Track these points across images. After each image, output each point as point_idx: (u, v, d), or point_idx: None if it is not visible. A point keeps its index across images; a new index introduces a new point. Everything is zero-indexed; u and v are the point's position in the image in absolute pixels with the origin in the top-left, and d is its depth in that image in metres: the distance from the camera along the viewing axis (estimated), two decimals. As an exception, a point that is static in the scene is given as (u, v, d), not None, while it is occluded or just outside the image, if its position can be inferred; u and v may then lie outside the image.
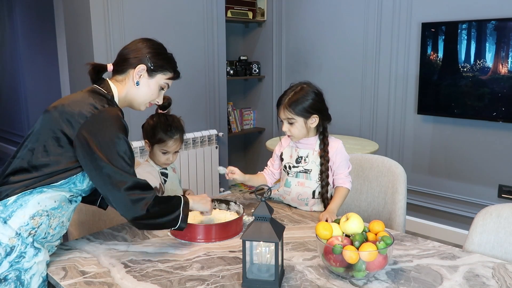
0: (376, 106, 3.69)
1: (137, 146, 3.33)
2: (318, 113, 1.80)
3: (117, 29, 3.19)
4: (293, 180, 1.89)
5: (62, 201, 1.41)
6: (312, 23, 4.02)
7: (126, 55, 1.53)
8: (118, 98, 1.52)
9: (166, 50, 1.60)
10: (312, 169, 1.86)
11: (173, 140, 1.82)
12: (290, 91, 1.80)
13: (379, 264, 1.27)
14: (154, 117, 1.85)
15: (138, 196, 1.37)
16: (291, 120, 1.79)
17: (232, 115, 4.39)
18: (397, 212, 1.90)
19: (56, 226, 1.42)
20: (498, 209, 1.56)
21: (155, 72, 1.52)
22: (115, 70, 1.54)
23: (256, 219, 1.28)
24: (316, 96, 1.80)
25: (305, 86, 1.81)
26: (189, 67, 3.71)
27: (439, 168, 3.42)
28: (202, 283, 1.29)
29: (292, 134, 1.83)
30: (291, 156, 1.90)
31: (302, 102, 1.77)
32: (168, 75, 1.56)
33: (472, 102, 3.09)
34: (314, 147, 1.86)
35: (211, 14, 3.80)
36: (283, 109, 1.79)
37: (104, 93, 1.48)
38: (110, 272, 1.35)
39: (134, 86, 1.52)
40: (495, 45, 2.94)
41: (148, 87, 1.53)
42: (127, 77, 1.52)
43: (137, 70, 1.50)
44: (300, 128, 1.80)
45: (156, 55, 1.53)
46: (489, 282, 1.29)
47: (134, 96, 1.54)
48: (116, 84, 1.53)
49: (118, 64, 1.54)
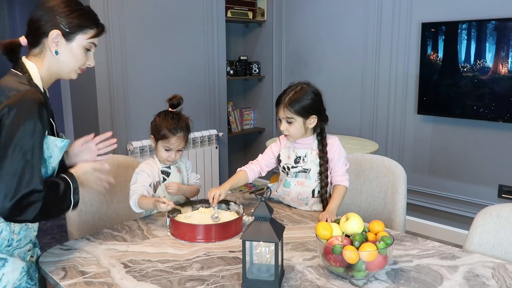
0: (376, 106, 3.69)
1: (137, 146, 3.33)
2: (317, 114, 1.81)
3: (117, 29, 3.19)
4: (292, 180, 1.89)
5: None
6: (312, 23, 4.02)
7: (35, 23, 1.30)
8: (40, 76, 1.32)
9: (81, 3, 1.36)
10: (311, 168, 1.86)
11: (176, 137, 1.83)
12: (290, 90, 1.80)
13: (379, 264, 1.27)
14: (162, 114, 1.88)
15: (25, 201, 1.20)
16: (290, 119, 1.79)
17: (232, 115, 4.39)
18: (397, 212, 1.90)
19: (19, 231, 1.32)
20: (498, 209, 1.56)
21: (72, 34, 1.31)
22: (29, 43, 1.33)
23: (256, 219, 1.28)
24: (316, 97, 1.81)
25: (305, 86, 1.81)
26: (189, 67, 3.71)
27: (439, 168, 3.42)
28: (202, 283, 1.29)
29: (289, 133, 1.82)
30: (289, 157, 1.89)
31: (302, 101, 1.77)
32: (90, 33, 1.34)
33: (472, 102, 3.09)
34: (312, 146, 1.87)
35: (211, 14, 3.80)
36: (282, 107, 1.79)
37: (20, 75, 1.29)
38: (110, 272, 1.35)
39: (54, 56, 1.31)
40: (495, 45, 2.94)
41: (71, 54, 1.32)
42: (44, 48, 1.31)
43: (51, 38, 1.29)
44: (298, 127, 1.80)
45: (69, 13, 1.30)
46: (489, 282, 1.29)
47: (58, 68, 1.34)
48: (34, 59, 1.33)
49: (30, 35, 1.32)
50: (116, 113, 3.28)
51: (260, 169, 1.95)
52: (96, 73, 3.14)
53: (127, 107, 3.34)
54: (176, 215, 1.71)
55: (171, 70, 3.58)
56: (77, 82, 3.34)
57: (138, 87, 3.38)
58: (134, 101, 3.37)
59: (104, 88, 3.20)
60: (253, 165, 1.96)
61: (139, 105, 3.38)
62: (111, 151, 1.58)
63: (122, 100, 3.30)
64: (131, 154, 3.30)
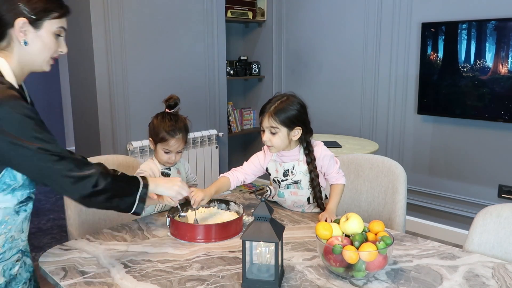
0: (376, 106, 3.69)
1: (137, 146, 3.33)
2: (302, 125, 1.75)
3: (117, 29, 3.19)
4: (285, 191, 1.87)
5: (5, 215, 1.23)
6: (312, 23, 4.02)
7: None
8: (12, 71, 1.23)
9: None
10: (301, 179, 1.83)
11: (175, 139, 1.82)
12: (276, 100, 1.75)
13: (379, 264, 1.27)
14: (159, 116, 1.85)
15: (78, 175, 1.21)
16: (274, 129, 1.72)
17: (232, 115, 4.39)
18: (397, 212, 1.90)
19: (4, 243, 1.25)
20: (498, 209, 1.56)
21: (39, 20, 1.21)
22: None
23: (256, 219, 1.28)
24: (302, 108, 1.75)
25: (291, 96, 1.76)
26: (189, 67, 3.71)
27: (439, 168, 3.42)
28: (202, 283, 1.29)
29: (272, 144, 1.75)
30: (277, 171, 1.85)
31: (288, 112, 1.71)
32: (56, 15, 1.24)
33: (472, 102, 3.09)
34: (299, 157, 1.82)
35: (211, 14, 3.80)
36: (267, 117, 1.72)
37: None
38: (110, 272, 1.35)
39: (23, 47, 1.22)
40: (495, 45, 2.94)
41: (41, 42, 1.23)
42: (11, 40, 1.22)
43: (18, 28, 1.19)
44: (282, 138, 1.74)
45: None
46: (489, 282, 1.29)
47: (29, 59, 1.25)
48: (2, 54, 1.23)
49: None
50: (116, 113, 3.28)
51: (244, 178, 1.88)
52: (96, 73, 3.14)
53: (127, 107, 3.34)
54: (176, 215, 1.71)
55: (171, 70, 3.58)
56: (77, 82, 3.34)
57: (138, 87, 3.38)
58: (134, 101, 3.37)
59: (104, 88, 3.20)
60: (237, 172, 1.87)
61: (139, 105, 3.38)
62: None
63: (122, 100, 3.30)
64: (131, 154, 3.30)
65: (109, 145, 3.28)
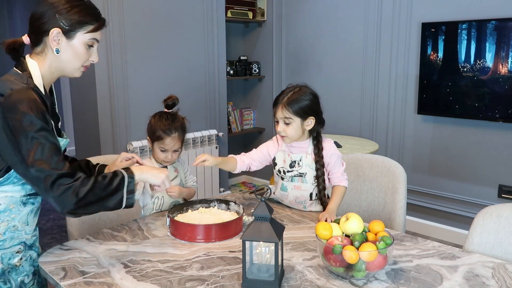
0: (376, 106, 3.69)
1: (137, 146, 3.33)
2: (314, 115, 1.79)
3: (117, 29, 3.19)
4: (289, 184, 1.88)
5: (10, 203, 1.29)
6: (312, 23, 4.02)
7: (36, 21, 1.29)
8: (41, 74, 1.31)
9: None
10: (306, 172, 1.84)
11: (170, 138, 1.83)
12: (289, 91, 1.79)
13: (379, 264, 1.27)
14: (157, 115, 1.88)
15: (63, 187, 1.21)
16: (288, 119, 1.77)
17: (232, 115, 4.39)
18: (397, 212, 1.90)
19: (5, 231, 1.29)
20: (498, 209, 1.56)
21: (73, 32, 1.29)
22: (32, 42, 1.33)
23: (256, 219, 1.28)
24: (314, 98, 1.80)
25: (304, 87, 1.80)
26: (189, 67, 3.71)
27: (439, 168, 3.42)
28: (202, 283, 1.29)
29: (287, 134, 1.79)
30: (284, 161, 1.88)
31: (301, 102, 1.75)
32: (91, 29, 1.31)
33: (472, 102, 3.09)
34: (307, 150, 1.85)
35: (211, 14, 3.80)
36: (281, 108, 1.77)
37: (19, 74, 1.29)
38: (110, 272, 1.35)
39: (55, 54, 1.30)
40: (495, 45, 2.94)
41: (72, 51, 1.31)
42: (45, 47, 1.31)
43: (52, 36, 1.27)
44: (296, 128, 1.78)
45: (69, 10, 1.28)
46: (489, 282, 1.29)
47: (60, 66, 1.33)
48: (36, 58, 1.32)
49: (31, 34, 1.31)
50: (116, 113, 3.28)
51: (250, 163, 1.91)
52: (96, 73, 3.14)
53: (127, 107, 3.34)
54: (176, 215, 1.71)
55: (171, 70, 3.58)
56: (77, 82, 3.34)
57: (138, 87, 3.38)
58: (134, 101, 3.37)
59: (104, 88, 3.20)
60: (245, 157, 1.92)
61: (139, 105, 3.38)
62: None
63: (122, 100, 3.30)
64: (131, 154, 3.30)
65: (109, 145, 3.28)
